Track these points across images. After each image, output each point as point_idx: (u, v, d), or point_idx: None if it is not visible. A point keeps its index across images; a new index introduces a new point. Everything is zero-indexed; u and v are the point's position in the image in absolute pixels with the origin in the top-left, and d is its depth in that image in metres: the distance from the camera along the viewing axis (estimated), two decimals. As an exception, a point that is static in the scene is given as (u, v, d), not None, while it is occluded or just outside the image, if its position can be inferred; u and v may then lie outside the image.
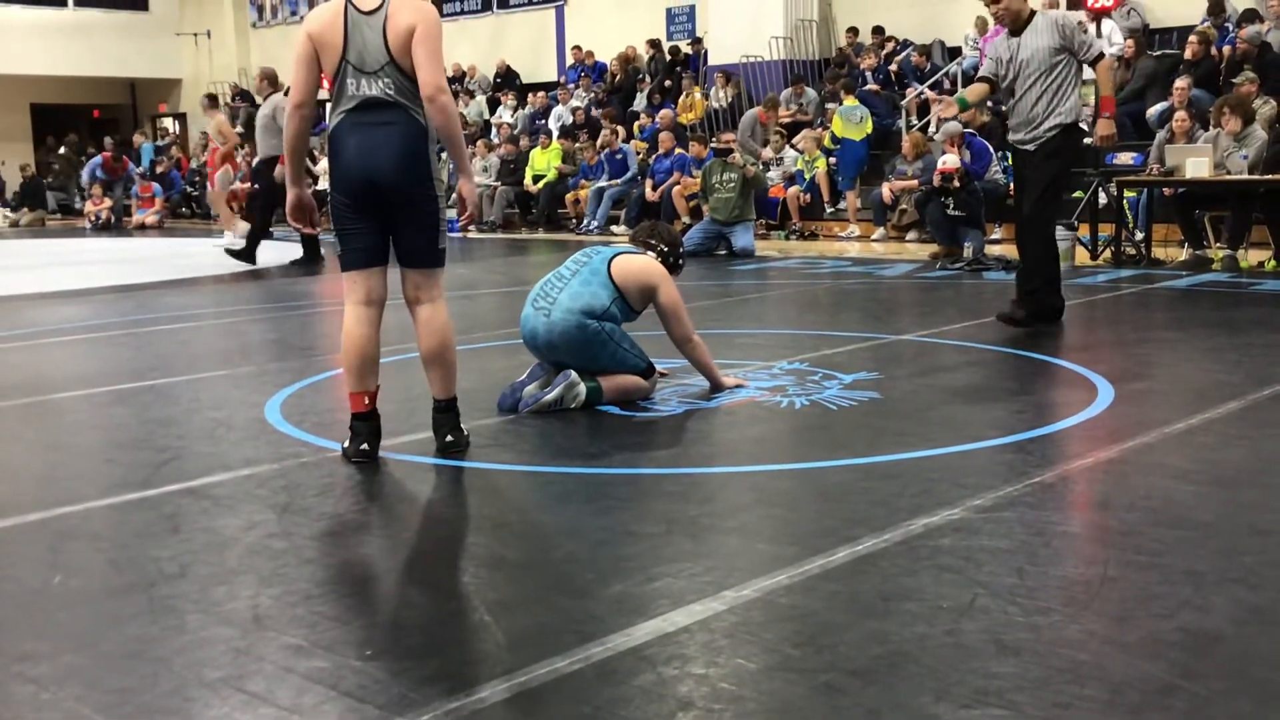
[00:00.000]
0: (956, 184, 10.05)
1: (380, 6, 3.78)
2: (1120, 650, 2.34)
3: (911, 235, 12.29)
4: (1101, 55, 6.27)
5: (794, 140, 14.21)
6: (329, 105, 3.90)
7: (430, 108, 3.78)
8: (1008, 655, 2.32)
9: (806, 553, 2.92)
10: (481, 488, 3.76)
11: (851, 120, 13.44)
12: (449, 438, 4.01)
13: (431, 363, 3.99)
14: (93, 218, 19.26)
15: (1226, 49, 12.14)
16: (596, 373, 4.63)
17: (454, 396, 4.03)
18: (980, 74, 6.56)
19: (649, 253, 4.92)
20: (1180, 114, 10.24)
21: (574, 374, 4.57)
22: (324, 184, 17.59)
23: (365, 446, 3.91)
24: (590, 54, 18.71)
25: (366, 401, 3.93)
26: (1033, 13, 6.24)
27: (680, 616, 2.54)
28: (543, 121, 17.75)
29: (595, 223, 14.75)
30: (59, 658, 2.45)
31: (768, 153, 14.20)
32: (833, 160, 13.61)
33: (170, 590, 2.80)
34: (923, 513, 3.21)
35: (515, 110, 18.49)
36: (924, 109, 14.22)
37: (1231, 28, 12.50)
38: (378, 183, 3.80)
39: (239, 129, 21.49)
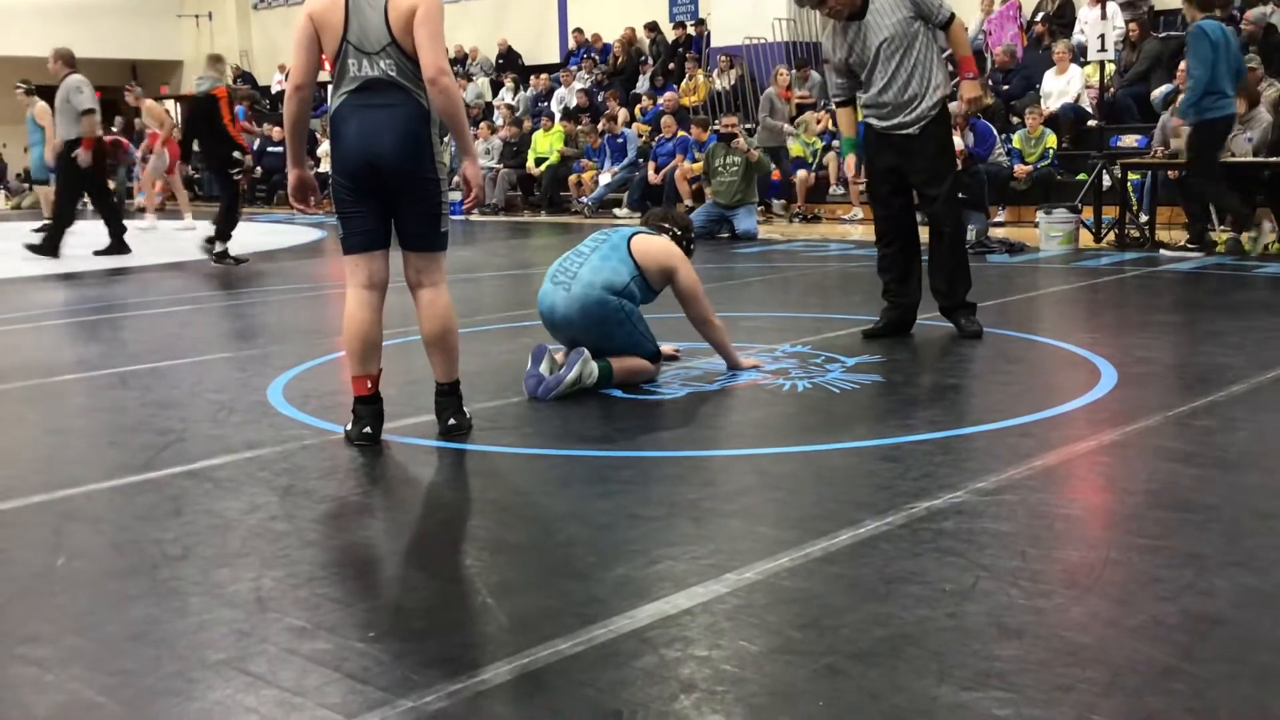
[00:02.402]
0: (960, 167, 10.02)
1: None
2: (1122, 633, 2.35)
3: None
4: (952, 16, 5.62)
5: (796, 122, 14.16)
6: (330, 87, 3.88)
7: (432, 90, 3.76)
8: (1010, 638, 2.32)
9: (808, 535, 2.92)
10: (484, 471, 3.76)
11: None
12: (451, 421, 4.01)
13: (434, 346, 3.98)
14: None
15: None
16: (609, 352, 4.63)
17: (456, 380, 4.03)
18: (837, 99, 5.93)
19: (664, 235, 4.93)
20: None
21: (586, 351, 4.56)
22: (324, 166, 17.59)
23: (368, 430, 3.91)
24: (597, 36, 18.65)
25: (369, 385, 3.93)
26: None
27: (682, 599, 2.54)
28: (545, 104, 17.71)
29: (585, 200, 14.76)
30: (61, 640, 2.45)
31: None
32: (836, 143, 13.56)
33: (173, 572, 2.81)
34: (925, 495, 3.21)
35: (517, 92, 18.45)
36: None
37: (1237, 10, 12.45)
38: (378, 165, 3.79)
39: (239, 109, 21.44)
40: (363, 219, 3.90)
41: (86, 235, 11.54)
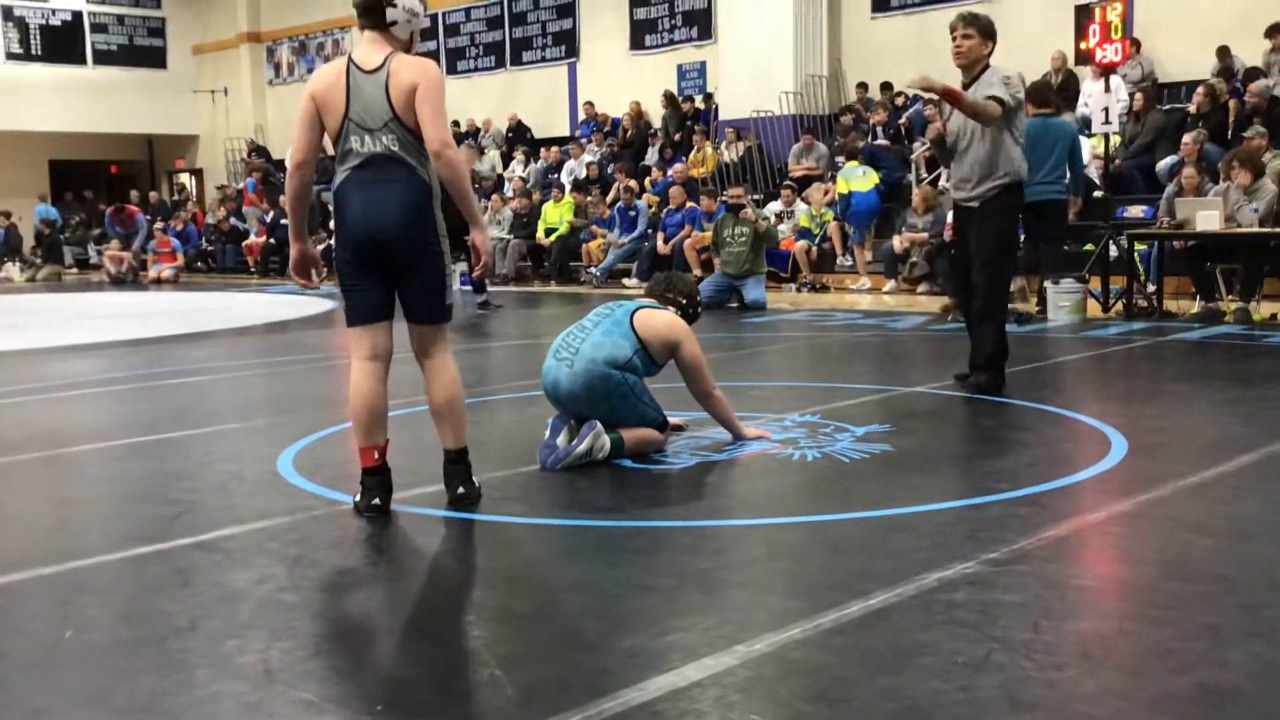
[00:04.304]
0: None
1: (382, 65, 3.84)
2: (1137, 706, 2.32)
3: (923, 288, 12.32)
4: (995, 99, 5.82)
5: (804, 194, 14.29)
6: (335, 163, 3.94)
7: (437, 163, 3.82)
8: (1023, 711, 2.29)
9: (819, 606, 2.90)
10: (492, 541, 3.75)
11: (854, 177, 13.56)
12: (460, 489, 4.01)
13: (441, 414, 4.00)
14: (111, 271, 19.43)
15: (1234, 103, 12.22)
16: (615, 425, 4.63)
17: (464, 448, 4.03)
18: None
19: (669, 307, 4.95)
20: (1189, 169, 10.29)
21: (599, 424, 4.56)
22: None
23: (376, 501, 3.91)
24: (606, 117, 18.92)
25: (376, 456, 3.94)
26: (987, 67, 6.01)
27: (692, 671, 2.53)
28: (555, 176, 17.91)
29: (594, 271, 14.87)
30: (70, 712, 2.44)
31: (778, 205, 14.27)
32: (844, 223, 13.66)
33: (181, 644, 2.80)
34: (936, 566, 3.19)
35: (527, 164, 18.67)
36: (934, 162, 14.30)
37: (1239, 83, 12.59)
38: (382, 240, 3.84)
39: (248, 181, 21.73)
40: (366, 292, 3.94)
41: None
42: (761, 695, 2.41)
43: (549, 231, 16.14)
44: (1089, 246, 10.84)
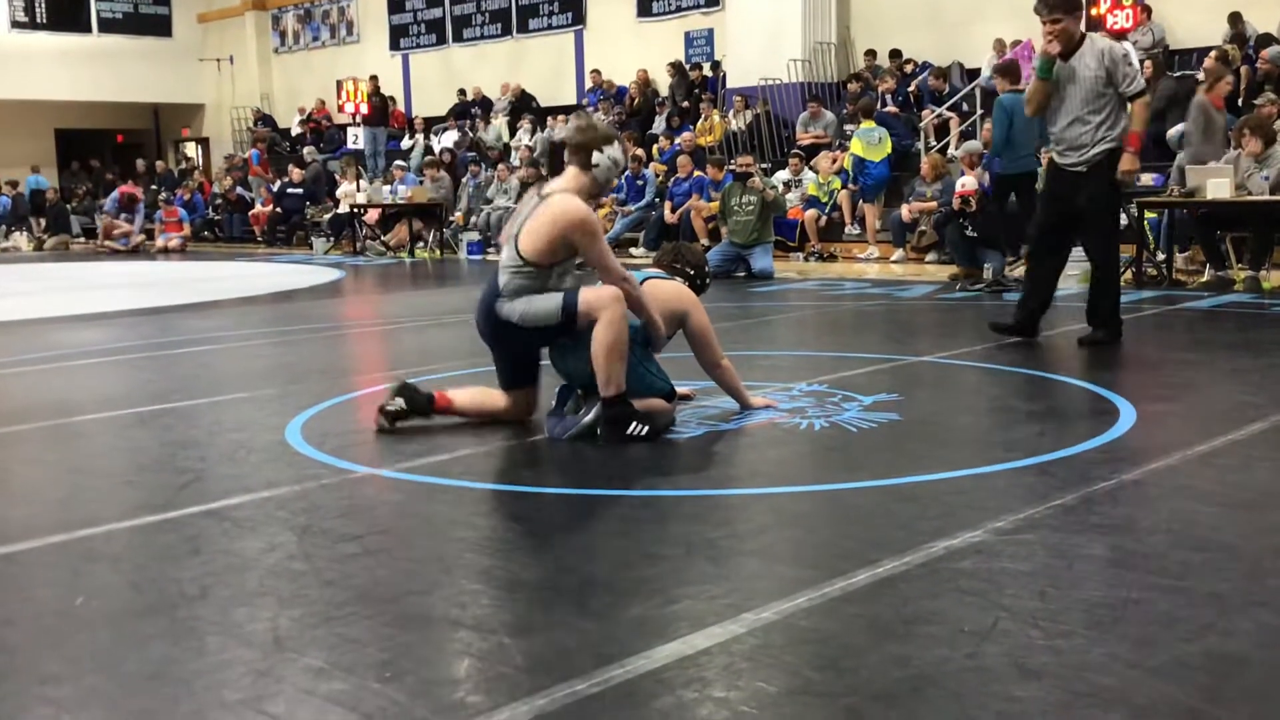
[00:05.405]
0: (974, 206, 10.05)
1: (548, 196, 4.44)
2: (1144, 674, 2.33)
3: (931, 257, 12.28)
4: (1141, 92, 6.33)
5: (812, 162, 14.22)
6: None
7: (622, 310, 4.42)
8: (1030, 679, 2.30)
9: (826, 575, 2.90)
10: (501, 510, 3.76)
11: (870, 141, 13.47)
12: (586, 418, 4.46)
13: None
14: (119, 242, 19.42)
15: (1246, 70, 12.12)
16: None
17: (606, 396, 4.39)
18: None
19: (676, 277, 4.93)
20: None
21: None
22: (344, 207, 17.71)
23: (401, 405, 4.53)
24: (613, 85, 18.82)
25: (440, 399, 4.57)
26: (1083, 37, 6.29)
27: (699, 639, 2.53)
28: (562, 144, 17.82)
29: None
30: (80, 679, 2.45)
31: (786, 174, 14.21)
32: (852, 186, 13.61)
33: (191, 612, 2.81)
34: (943, 535, 3.19)
35: (534, 133, 18.59)
36: (942, 130, 14.23)
37: (1251, 50, 12.48)
38: (479, 332, 4.64)
39: (253, 152, 21.68)
40: (496, 361, 4.72)
41: None
42: (769, 663, 2.42)
43: (556, 201, 16.08)
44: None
